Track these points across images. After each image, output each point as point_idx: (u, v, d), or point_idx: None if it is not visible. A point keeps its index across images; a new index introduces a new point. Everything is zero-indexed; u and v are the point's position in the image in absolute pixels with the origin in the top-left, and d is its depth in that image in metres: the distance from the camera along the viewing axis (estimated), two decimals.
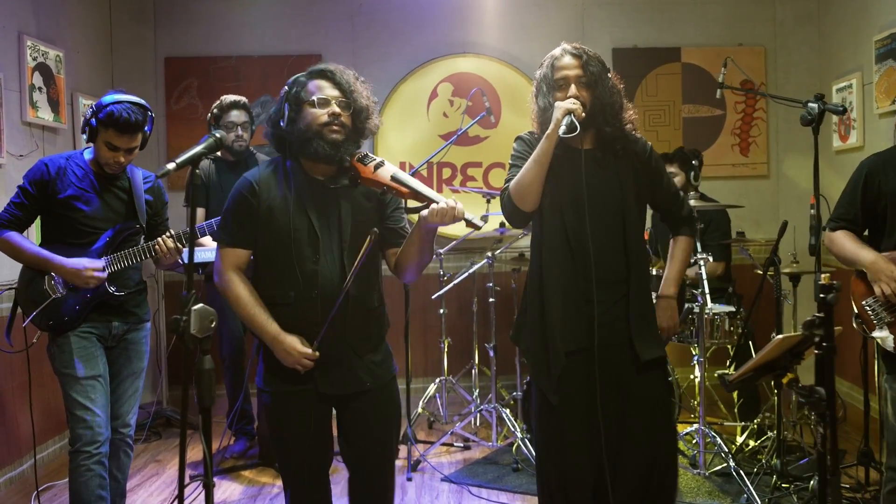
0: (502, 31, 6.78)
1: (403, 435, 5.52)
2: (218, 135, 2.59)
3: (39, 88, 5.32)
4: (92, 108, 3.64)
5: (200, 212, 5.50)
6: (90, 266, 3.65)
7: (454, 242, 5.88)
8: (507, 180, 3.37)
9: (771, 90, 6.82)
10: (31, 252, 3.67)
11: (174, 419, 6.32)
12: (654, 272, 5.02)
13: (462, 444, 5.68)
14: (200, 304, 2.49)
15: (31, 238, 3.74)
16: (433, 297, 6.00)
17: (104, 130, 3.59)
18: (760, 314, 6.10)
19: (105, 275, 3.68)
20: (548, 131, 3.16)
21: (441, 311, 6.10)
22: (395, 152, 6.70)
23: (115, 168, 3.72)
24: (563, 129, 3.12)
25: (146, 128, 3.70)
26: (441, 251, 5.96)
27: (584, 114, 3.18)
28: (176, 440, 6.05)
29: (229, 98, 5.40)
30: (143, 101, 3.68)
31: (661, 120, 6.87)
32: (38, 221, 3.77)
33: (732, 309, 5.03)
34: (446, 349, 6.14)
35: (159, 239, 3.76)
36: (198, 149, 2.59)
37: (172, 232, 3.81)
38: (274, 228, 2.89)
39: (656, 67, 6.88)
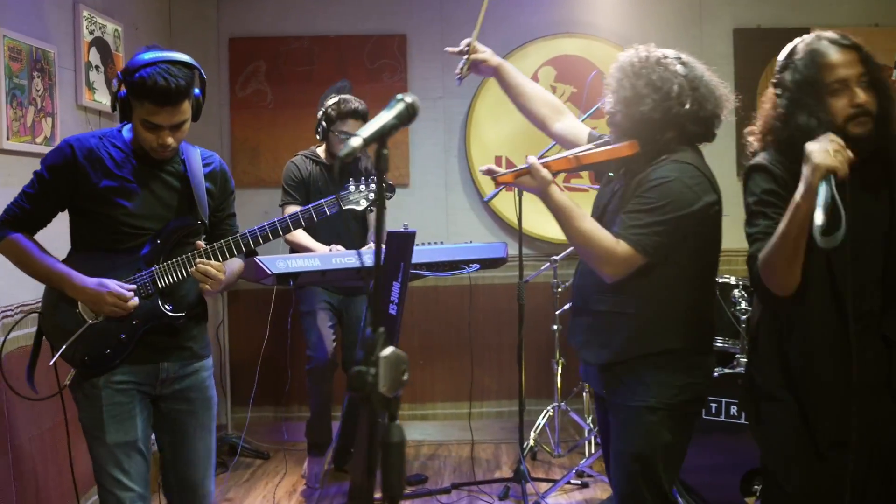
0: (611, 9, 5.96)
1: (516, 471, 4.79)
2: (409, 99, 1.82)
3: (96, 67, 4.55)
4: (119, 75, 2.82)
5: (295, 209, 4.77)
6: (115, 290, 2.83)
7: (570, 250, 5.09)
8: (752, 236, 2.59)
9: None
10: (44, 263, 2.89)
11: (245, 449, 5.53)
12: None
13: (579, 482, 4.90)
14: (391, 348, 1.70)
15: (44, 246, 2.98)
16: (557, 312, 5.22)
17: (138, 104, 2.77)
18: None
19: (134, 303, 2.85)
20: (801, 193, 2.37)
21: (554, 327, 5.31)
22: (489, 145, 5.91)
23: (163, 153, 2.89)
24: (822, 198, 2.30)
25: (194, 92, 2.86)
26: (557, 258, 5.17)
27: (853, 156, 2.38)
28: (246, 473, 5.27)
29: (352, 104, 4.75)
30: (185, 57, 2.82)
31: None
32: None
33: None
34: (560, 371, 5.35)
35: (200, 262, 2.90)
36: (388, 118, 1.83)
37: (226, 240, 2.99)
38: None
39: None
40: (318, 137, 4.90)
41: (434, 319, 5.89)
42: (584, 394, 5.45)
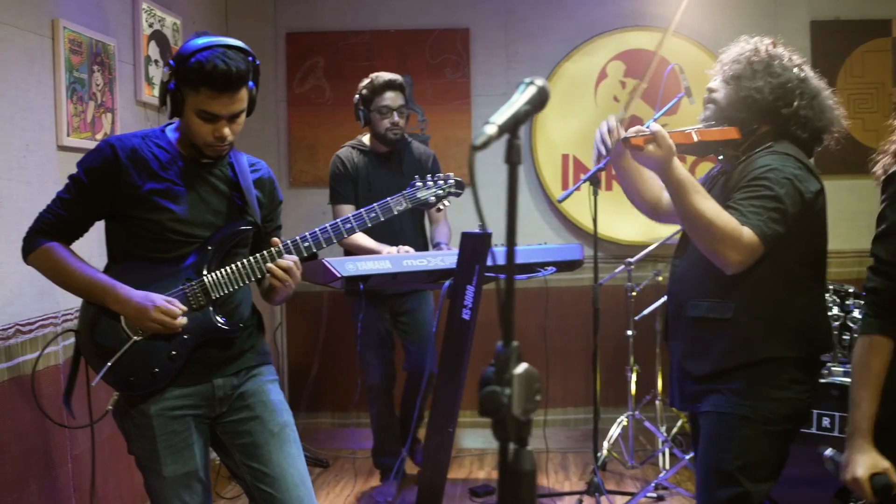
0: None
1: (590, 483, 4.56)
2: (540, 83, 1.60)
3: (155, 61, 4.39)
4: (170, 64, 2.59)
5: (348, 209, 4.56)
6: (163, 306, 2.58)
7: (649, 248, 4.85)
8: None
9: None
10: (84, 274, 2.62)
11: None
12: None
13: (655, 495, 4.66)
14: (525, 365, 1.49)
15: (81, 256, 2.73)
16: (636, 317, 4.99)
17: (193, 93, 2.54)
18: None
19: (183, 321, 2.61)
20: None
21: (629, 332, 5.07)
22: (556, 143, 5.68)
23: (219, 148, 2.66)
24: None
25: (250, 82, 2.63)
26: (631, 260, 4.93)
27: None
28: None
29: (383, 76, 4.51)
30: (239, 43, 2.61)
31: (867, 105, 5.76)
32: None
33: None
34: (634, 378, 5.10)
35: (272, 264, 2.68)
36: (520, 103, 1.61)
37: (284, 242, 2.74)
38: None
39: (862, 43, 5.75)
40: (360, 124, 4.68)
41: (496, 323, 5.63)
42: (657, 402, 5.20)
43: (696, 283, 2.74)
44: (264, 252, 2.71)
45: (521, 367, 1.48)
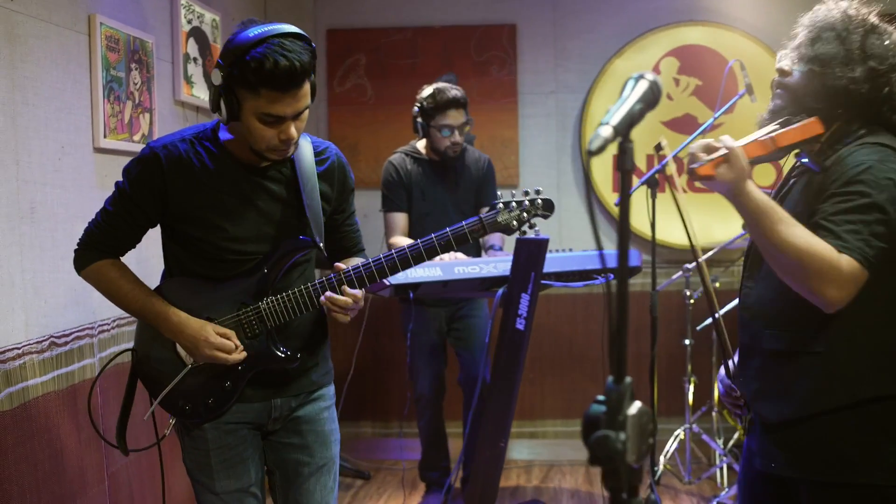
0: None
1: (647, 500, 4.33)
2: (651, 77, 1.40)
3: (194, 59, 4.21)
4: (219, 64, 2.29)
5: (401, 217, 4.37)
6: (216, 342, 2.40)
7: (708, 254, 4.62)
8: None
9: None
10: (137, 296, 2.46)
11: (345, 469, 5.16)
12: None
13: None
14: (638, 404, 1.28)
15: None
16: (698, 328, 4.76)
17: (251, 96, 2.25)
18: None
19: (238, 357, 2.42)
20: None
21: (686, 342, 4.84)
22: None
23: (285, 151, 2.37)
24: None
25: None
26: (689, 266, 4.71)
27: None
28: (347, 494, 4.89)
29: (448, 93, 4.28)
30: (293, 28, 2.29)
31: None
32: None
33: None
34: (692, 389, 4.87)
35: (329, 295, 2.42)
36: (632, 102, 1.40)
37: (347, 272, 2.45)
38: None
39: None
40: (418, 135, 4.48)
41: (544, 329, 5.44)
42: (714, 413, 4.97)
43: (776, 309, 2.25)
44: (325, 280, 2.46)
45: (635, 407, 1.26)
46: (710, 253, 4.63)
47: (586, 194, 5.51)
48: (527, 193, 2.52)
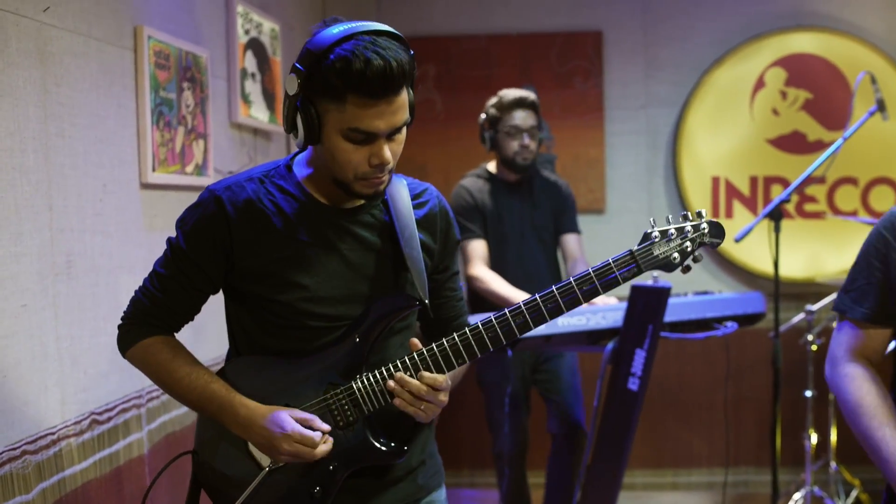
0: None
1: None
2: None
3: (252, 75, 3.70)
4: (296, 67, 1.80)
5: (480, 246, 3.85)
6: (297, 432, 1.83)
7: (830, 297, 4.05)
8: None
9: None
10: (194, 384, 1.93)
11: None
12: None
13: None
14: None
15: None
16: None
17: (336, 107, 1.77)
18: None
19: (325, 449, 1.86)
20: None
21: (808, 393, 4.26)
22: (704, 163, 4.89)
23: (377, 181, 1.86)
24: None
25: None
26: (812, 307, 4.14)
27: None
28: None
29: (513, 93, 3.88)
30: (388, 27, 1.82)
31: None
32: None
33: None
34: (812, 449, 4.28)
35: (395, 384, 1.87)
36: None
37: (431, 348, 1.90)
38: None
39: None
40: (486, 148, 3.97)
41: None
42: (831, 469, 4.40)
43: None
44: (405, 358, 1.91)
45: None
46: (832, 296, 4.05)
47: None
48: (686, 217, 1.93)
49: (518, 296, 3.59)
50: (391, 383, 1.87)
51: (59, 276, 2.45)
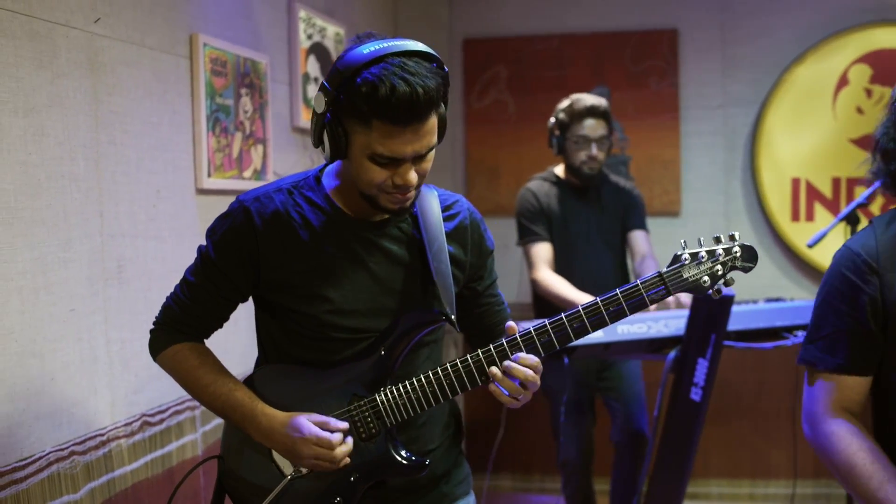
0: None
1: None
2: None
3: (315, 79, 3.72)
4: (324, 87, 1.78)
5: (545, 248, 3.80)
6: (314, 435, 1.84)
7: None
8: None
9: None
10: (219, 391, 1.95)
11: None
12: None
13: None
14: None
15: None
16: None
17: (362, 129, 1.75)
18: None
19: (344, 450, 1.85)
20: None
21: None
22: (784, 166, 4.73)
23: (403, 200, 1.85)
24: None
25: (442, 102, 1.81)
26: None
27: None
28: None
29: (585, 100, 3.78)
30: (420, 46, 1.77)
31: None
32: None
33: None
34: None
35: (498, 370, 1.86)
36: None
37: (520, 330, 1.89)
38: None
39: None
40: (553, 152, 3.91)
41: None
42: None
43: None
44: (434, 371, 1.89)
45: None
46: None
47: (762, 224, 4.82)
48: (718, 240, 1.89)
49: (582, 298, 3.52)
50: (494, 369, 1.85)
51: (109, 281, 2.49)
